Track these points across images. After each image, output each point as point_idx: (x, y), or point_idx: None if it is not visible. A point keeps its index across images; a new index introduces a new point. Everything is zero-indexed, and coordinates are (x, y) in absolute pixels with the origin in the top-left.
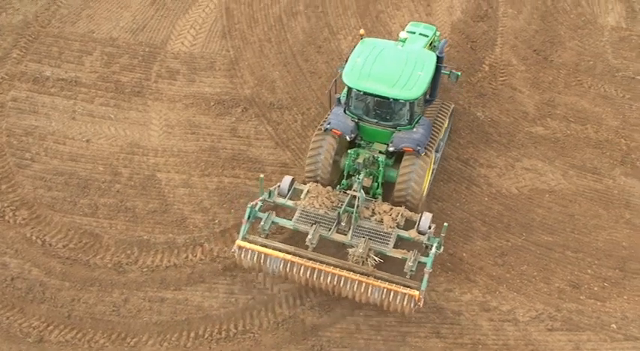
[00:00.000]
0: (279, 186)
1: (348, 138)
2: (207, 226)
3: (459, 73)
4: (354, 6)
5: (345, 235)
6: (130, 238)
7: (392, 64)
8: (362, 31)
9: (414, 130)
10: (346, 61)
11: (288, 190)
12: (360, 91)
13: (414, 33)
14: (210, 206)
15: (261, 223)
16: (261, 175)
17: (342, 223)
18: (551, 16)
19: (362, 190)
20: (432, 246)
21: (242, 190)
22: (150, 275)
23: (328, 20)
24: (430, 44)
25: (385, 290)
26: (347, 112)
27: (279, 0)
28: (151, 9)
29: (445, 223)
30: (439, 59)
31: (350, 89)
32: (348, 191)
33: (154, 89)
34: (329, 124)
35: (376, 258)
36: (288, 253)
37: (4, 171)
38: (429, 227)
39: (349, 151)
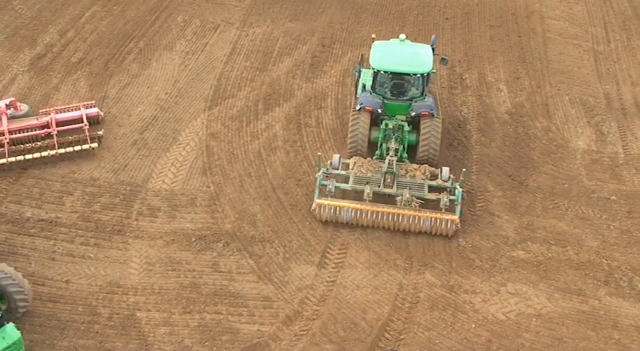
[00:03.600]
0: (330, 163)
1: (379, 110)
2: None
3: (447, 59)
4: (332, 140)
5: (391, 188)
6: None
7: (403, 52)
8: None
9: (425, 99)
10: (359, 62)
11: (339, 164)
12: (387, 72)
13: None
14: (191, 345)
15: (328, 187)
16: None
17: (388, 180)
18: (523, 143)
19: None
20: (456, 187)
21: (224, 327)
22: None
23: (307, 154)
24: None
25: (433, 219)
26: (373, 93)
27: (259, 136)
28: (133, 149)
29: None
30: (433, 50)
31: (376, 74)
32: (386, 157)
33: (135, 227)
34: (361, 104)
35: (417, 201)
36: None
37: None
38: (449, 176)
39: (382, 122)
